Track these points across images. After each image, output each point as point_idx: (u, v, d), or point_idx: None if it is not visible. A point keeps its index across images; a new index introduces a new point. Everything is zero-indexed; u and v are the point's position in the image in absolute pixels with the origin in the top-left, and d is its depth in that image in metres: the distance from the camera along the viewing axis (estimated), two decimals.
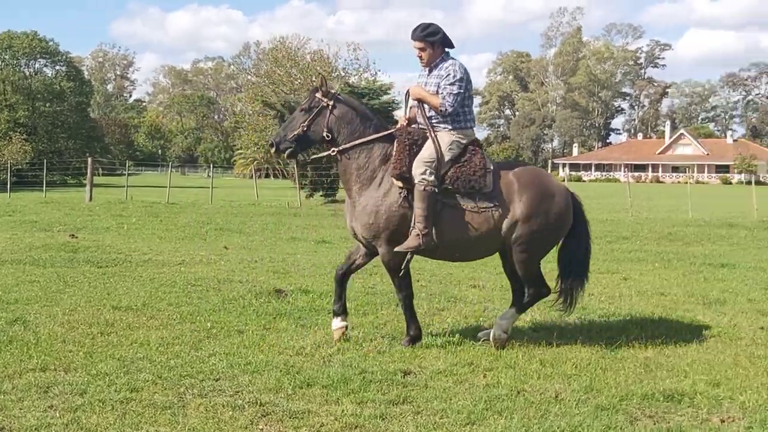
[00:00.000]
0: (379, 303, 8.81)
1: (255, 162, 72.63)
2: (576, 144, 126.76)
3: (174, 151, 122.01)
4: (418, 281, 10.61)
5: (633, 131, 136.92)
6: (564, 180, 44.99)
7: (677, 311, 8.72)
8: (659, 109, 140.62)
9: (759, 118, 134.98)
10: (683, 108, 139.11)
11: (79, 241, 14.78)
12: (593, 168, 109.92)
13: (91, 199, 31.16)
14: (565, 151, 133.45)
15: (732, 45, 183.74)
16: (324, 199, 32.43)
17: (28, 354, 6.25)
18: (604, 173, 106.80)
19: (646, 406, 5.24)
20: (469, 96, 7.00)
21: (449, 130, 6.88)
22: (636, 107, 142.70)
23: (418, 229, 6.67)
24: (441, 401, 5.24)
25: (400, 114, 7.28)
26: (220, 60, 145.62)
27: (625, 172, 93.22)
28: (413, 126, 7.04)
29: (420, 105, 6.97)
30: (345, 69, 70.10)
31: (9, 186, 38.39)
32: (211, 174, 40.78)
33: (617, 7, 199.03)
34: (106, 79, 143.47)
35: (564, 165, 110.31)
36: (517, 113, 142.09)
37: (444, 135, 6.87)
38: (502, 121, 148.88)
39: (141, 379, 5.65)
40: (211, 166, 43.96)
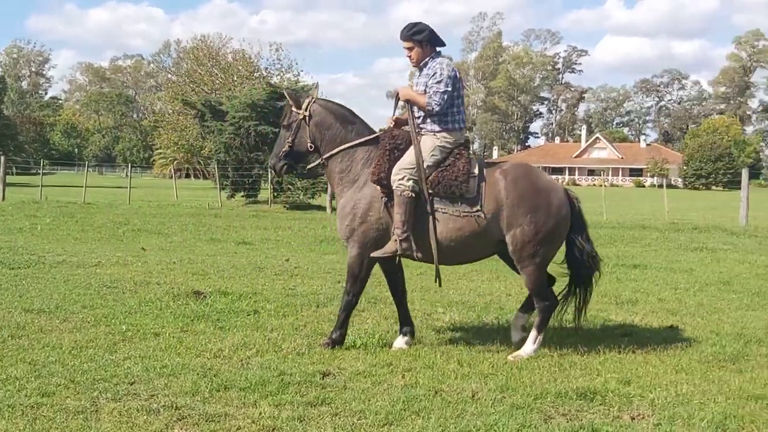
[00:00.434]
0: (300, 305, 8.77)
1: (175, 162, 71.60)
2: (496, 147, 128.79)
3: (91, 150, 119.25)
4: (339, 282, 10.62)
5: (551, 135, 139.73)
6: None
7: (591, 311, 8.88)
8: (576, 113, 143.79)
9: (671, 123, 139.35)
10: (599, 112, 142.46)
11: None
12: None
13: (3, 198, 30.21)
14: (485, 153, 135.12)
15: (646, 52, 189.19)
16: (245, 199, 32.12)
17: None
18: None
19: (559, 405, 5.35)
20: (458, 96, 6.86)
21: (435, 133, 6.78)
22: (554, 111, 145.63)
23: (396, 235, 6.62)
24: (359, 402, 5.25)
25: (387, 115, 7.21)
26: (140, 58, 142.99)
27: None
28: (399, 129, 6.96)
29: (409, 106, 6.89)
30: (267, 69, 69.62)
31: None
32: (129, 174, 39.96)
33: (536, 13, 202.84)
34: (21, 75, 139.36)
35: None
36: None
37: (428, 139, 6.76)
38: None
39: (53, 383, 5.50)
40: (130, 165, 43.14)
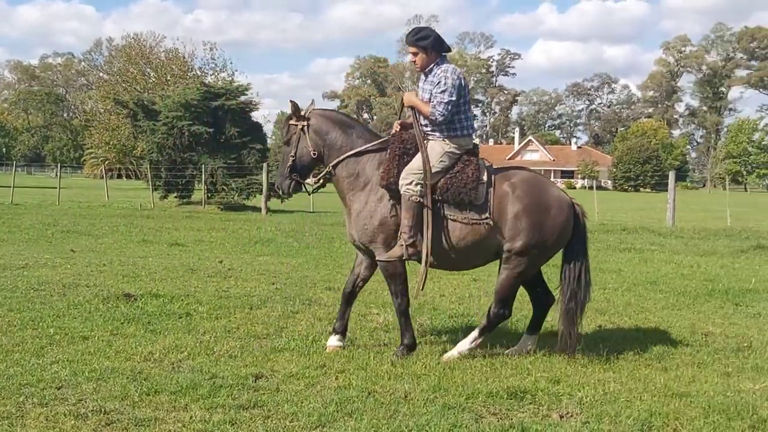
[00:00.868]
0: (233, 307, 8.70)
1: (106, 162, 70.27)
2: None
3: (19, 149, 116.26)
4: (274, 284, 10.58)
5: (485, 137, 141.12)
6: None
7: (522, 311, 9.02)
8: (509, 115, 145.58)
9: (601, 126, 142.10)
10: (531, 115, 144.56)
11: None
12: None
13: None
14: None
15: (578, 56, 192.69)
16: (178, 200, 31.69)
17: None
18: None
19: (490, 404, 5.41)
20: (464, 102, 6.76)
21: (443, 138, 6.71)
22: (488, 114, 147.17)
23: (403, 239, 6.58)
24: (292, 404, 5.24)
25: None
26: (70, 56, 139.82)
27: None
28: (408, 133, 6.88)
29: (414, 112, 6.82)
30: (201, 69, 68.88)
31: None
32: (59, 174, 39.04)
33: (470, 16, 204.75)
34: None
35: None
36: (374, 117, 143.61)
37: (436, 144, 6.70)
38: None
39: None
40: (59, 165, 42.11)
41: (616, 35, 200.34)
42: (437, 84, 6.64)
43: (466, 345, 6.78)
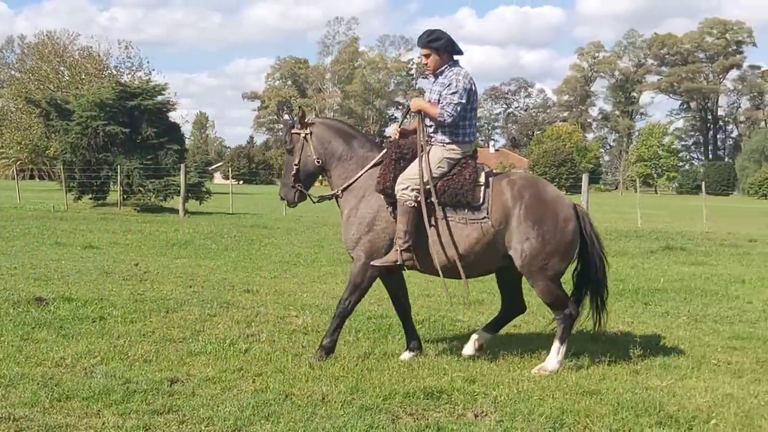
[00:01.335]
0: (148, 310, 8.56)
1: (18, 162, 68.17)
2: None
3: None
4: (191, 287, 10.45)
5: None
6: None
7: (440, 311, 9.17)
8: None
9: (518, 129, 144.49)
10: None
11: None
12: None
13: None
14: None
15: (496, 60, 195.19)
16: (93, 202, 30.94)
17: None
18: None
19: (407, 405, 5.46)
20: (471, 108, 6.73)
21: (444, 144, 6.67)
22: (408, 116, 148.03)
23: (398, 245, 6.52)
24: (208, 409, 5.19)
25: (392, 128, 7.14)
26: None
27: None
28: (406, 140, 6.86)
29: (420, 116, 6.78)
30: (117, 68, 67.46)
31: None
32: None
33: (391, 19, 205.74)
34: None
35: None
36: (295, 118, 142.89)
37: (437, 150, 6.66)
38: (281, 126, 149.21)
39: None
40: None
41: (533, 40, 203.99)
42: (448, 85, 6.62)
43: (554, 359, 6.60)
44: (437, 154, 6.66)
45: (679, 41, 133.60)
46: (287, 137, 7.07)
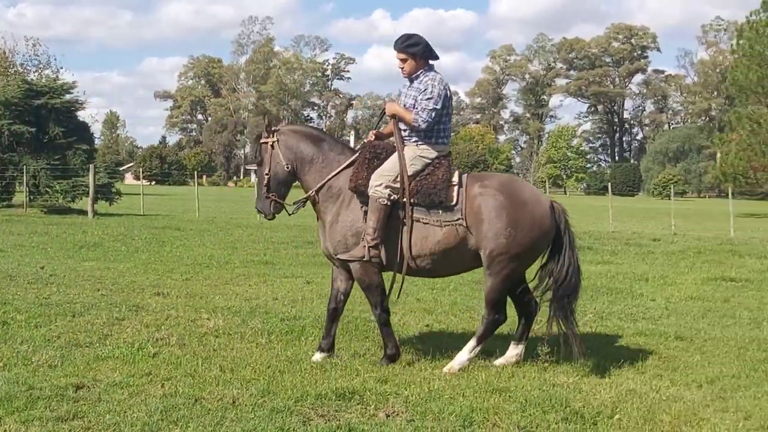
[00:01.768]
0: (53, 314, 8.34)
1: None
2: None
3: None
4: (99, 290, 10.21)
5: None
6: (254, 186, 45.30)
7: (353, 312, 9.17)
8: (345, 119, 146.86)
9: None
10: (366, 119, 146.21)
11: None
12: None
13: None
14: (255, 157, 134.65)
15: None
16: None
17: None
18: None
19: (319, 406, 5.46)
20: (446, 113, 6.72)
21: (417, 144, 6.66)
22: (324, 117, 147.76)
23: (365, 240, 6.44)
24: (114, 414, 5.08)
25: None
26: None
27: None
28: (381, 141, 6.81)
29: (395, 120, 6.71)
30: (23, 65, 65.25)
31: None
32: None
33: (306, 19, 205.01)
34: None
35: (256, 171, 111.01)
36: (209, 118, 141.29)
37: (409, 150, 6.64)
38: (195, 126, 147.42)
39: None
40: None
41: (446, 43, 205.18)
42: (423, 91, 6.61)
43: (465, 355, 6.66)
44: (410, 153, 6.67)
45: (586, 46, 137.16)
46: (256, 149, 7.07)
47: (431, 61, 6.84)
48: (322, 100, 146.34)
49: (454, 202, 6.55)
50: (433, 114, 6.59)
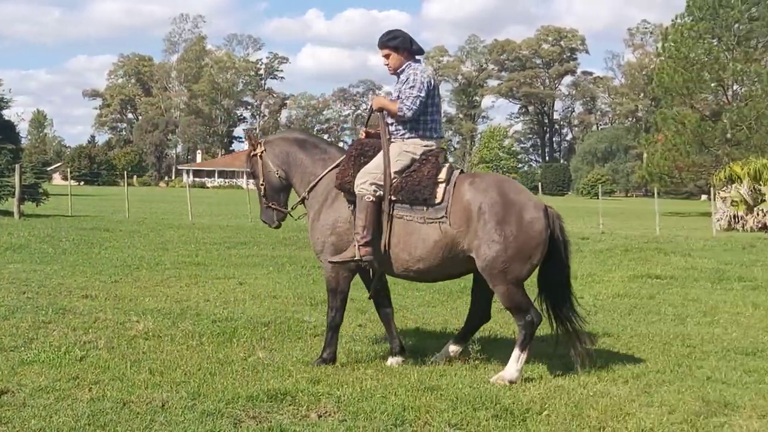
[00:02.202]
0: None
1: None
2: (200, 151, 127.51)
3: None
4: (24, 293, 9.97)
5: None
6: (187, 186, 44.74)
7: (287, 312, 9.15)
8: (279, 119, 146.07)
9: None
10: (300, 119, 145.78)
11: None
12: (216, 175, 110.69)
13: None
14: (189, 157, 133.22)
15: (344, 62, 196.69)
16: None
17: None
18: (227, 180, 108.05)
19: (250, 408, 5.42)
20: (432, 104, 6.64)
21: (404, 138, 6.61)
22: (257, 116, 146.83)
23: (356, 240, 6.37)
24: (40, 420, 4.97)
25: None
26: None
27: (246, 179, 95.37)
28: (369, 139, 6.77)
29: (382, 114, 6.64)
30: None
31: None
32: None
33: (238, 18, 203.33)
34: None
35: (188, 171, 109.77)
36: (140, 117, 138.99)
37: (395, 146, 6.59)
38: (125, 125, 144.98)
39: None
40: None
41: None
42: (406, 81, 6.64)
43: (513, 366, 6.41)
44: (395, 150, 6.62)
45: (517, 47, 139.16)
46: (248, 164, 7.14)
47: (418, 57, 6.89)
48: (256, 100, 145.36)
49: (440, 200, 6.43)
50: (417, 102, 6.54)
